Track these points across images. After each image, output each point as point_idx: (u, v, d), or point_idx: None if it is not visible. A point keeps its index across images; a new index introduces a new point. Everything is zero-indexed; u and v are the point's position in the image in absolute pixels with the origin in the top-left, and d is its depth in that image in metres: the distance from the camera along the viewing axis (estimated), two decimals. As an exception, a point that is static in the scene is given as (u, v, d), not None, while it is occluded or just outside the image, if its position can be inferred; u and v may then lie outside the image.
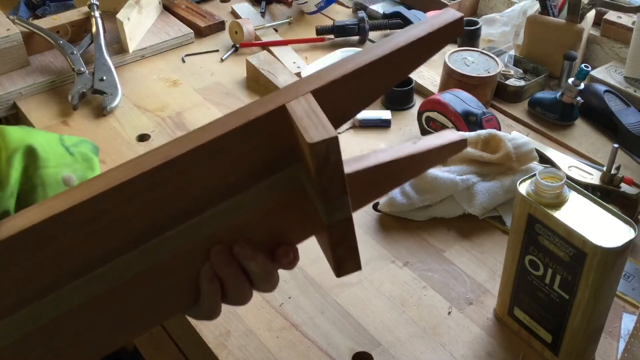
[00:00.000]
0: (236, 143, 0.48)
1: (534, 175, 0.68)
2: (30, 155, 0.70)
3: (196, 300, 0.54)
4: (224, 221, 0.51)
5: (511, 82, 1.17)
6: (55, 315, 0.48)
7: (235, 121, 0.48)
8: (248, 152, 0.49)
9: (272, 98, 0.49)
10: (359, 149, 1.06)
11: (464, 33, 0.53)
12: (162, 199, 0.48)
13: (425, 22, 0.52)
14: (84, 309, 0.49)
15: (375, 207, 0.94)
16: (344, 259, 0.51)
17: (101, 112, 1.14)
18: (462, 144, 0.55)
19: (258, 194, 0.51)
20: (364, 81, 0.51)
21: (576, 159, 0.97)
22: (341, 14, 1.46)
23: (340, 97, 0.50)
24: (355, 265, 0.52)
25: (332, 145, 0.44)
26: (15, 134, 0.70)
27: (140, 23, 1.31)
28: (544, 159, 0.97)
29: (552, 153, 0.98)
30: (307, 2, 1.40)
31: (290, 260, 0.55)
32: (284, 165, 0.51)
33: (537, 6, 1.21)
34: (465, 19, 1.27)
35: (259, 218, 0.52)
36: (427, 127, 1.05)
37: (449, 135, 0.55)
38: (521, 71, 1.19)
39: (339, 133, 1.10)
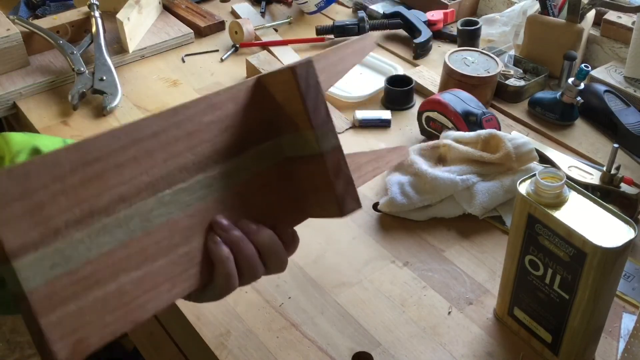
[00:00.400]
0: (221, 105, 0.53)
1: (534, 175, 0.68)
2: (36, 155, 0.70)
3: (210, 277, 0.53)
4: (215, 189, 0.53)
5: (511, 82, 1.17)
6: (83, 260, 0.47)
7: (210, 92, 0.54)
8: (231, 117, 0.53)
9: (245, 80, 0.56)
10: (359, 149, 1.06)
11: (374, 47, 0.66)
12: (156, 153, 0.50)
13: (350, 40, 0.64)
14: (111, 255, 0.48)
15: (375, 207, 0.94)
16: (345, 193, 0.54)
17: (101, 112, 1.14)
18: (402, 150, 0.70)
19: (243, 163, 0.54)
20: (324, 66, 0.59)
21: (576, 159, 0.97)
22: (341, 14, 1.46)
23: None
24: (356, 202, 0.55)
25: (311, 67, 0.51)
26: (19, 138, 0.70)
27: (140, 23, 1.31)
28: (544, 159, 0.97)
29: (552, 153, 0.98)
30: (307, 2, 1.40)
31: (290, 239, 0.56)
32: (263, 139, 0.55)
33: (537, 6, 1.21)
34: (465, 19, 1.27)
35: (251, 189, 0.55)
36: (427, 127, 1.05)
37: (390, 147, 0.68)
38: (521, 71, 1.19)
39: (339, 133, 1.10)
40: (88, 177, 0.46)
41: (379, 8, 1.42)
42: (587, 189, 0.85)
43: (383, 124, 1.11)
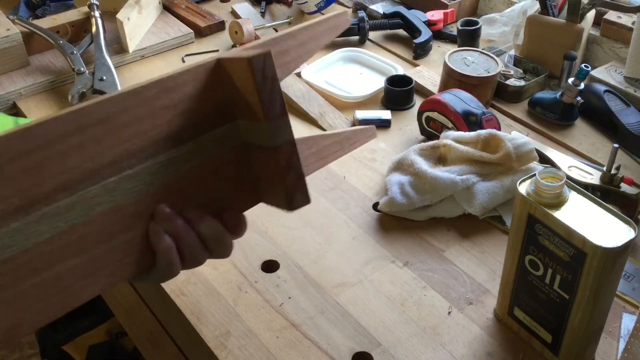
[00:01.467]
0: (177, 88, 0.50)
1: (534, 175, 0.68)
2: None
3: (152, 262, 0.53)
4: (163, 175, 0.51)
5: (511, 82, 1.17)
6: (20, 249, 0.46)
7: (175, 70, 0.51)
8: (186, 101, 0.51)
9: (203, 60, 0.53)
10: (359, 149, 1.06)
11: (347, 24, 0.64)
12: (103, 140, 0.48)
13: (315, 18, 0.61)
14: (49, 243, 0.47)
15: (375, 207, 0.94)
16: (294, 188, 0.53)
17: (101, 112, 1.14)
18: (370, 131, 0.66)
19: (197, 149, 0.53)
20: (277, 51, 0.56)
21: (576, 159, 0.97)
22: (341, 14, 1.46)
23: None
24: (305, 197, 0.54)
25: (268, 59, 0.49)
26: None
27: (140, 23, 1.31)
28: (544, 159, 0.97)
29: (552, 153, 0.98)
30: (307, 2, 1.40)
31: (234, 225, 0.55)
32: (220, 123, 0.54)
33: (537, 6, 1.21)
34: (465, 19, 1.27)
35: (201, 175, 0.53)
36: (427, 127, 1.05)
37: (361, 127, 0.65)
38: (521, 71, 1.19)
39: (339, 133, 1.10)
40: (29, 166, 0.45)
41: (379, 8, 1.42)
42: (587, 189, 0.85)
43: (383, 124, 1.11)
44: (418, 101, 1.16)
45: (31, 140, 0.45)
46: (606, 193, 0.89)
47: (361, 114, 1.11)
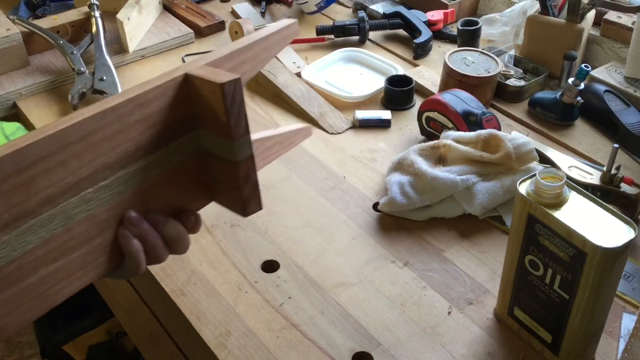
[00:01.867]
0: (148, 104, 0.54)
1: (534, 175, 0.68)
2: None
3: (120, 262, 0.57)
4: (132, 183, 0.55)
5: (511, 82, 1.17)
6: (9, 259, 0.49)
7: (146, 86, 0.54)
8: (156, 115, 0.54)
9: (172, 71, 0.56)
10: (358, 149, 1.06)
11: (296, 34, 0.67)
12: (83, 155, 0.51)
13: (268, 27, 0.64)
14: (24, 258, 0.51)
15: (375, 207, 0.94)
16: (250, 197, 0.59)
17: (101, 112, 1.14)
18: (306, 131, 0.71)
19: (163, 157, 0.56)
20: (238, 62, 0.60)
21: (576, 159, 0.97)
22: (341, 14, 1.46)
23: None
24: (258, 205, 0.60)
25: (238, 85, 0.53)
26: None
27: (140, 23, 1.31)
28: (544, 159, 0.97)
29: (552, 153, 0.98)
30: (307, 2, 1.40)
31: (193, 224, 0.60)
32: (184, 132, 0.57)
33: (537, 6, 1.21)
34: (465, 19, 1.27)
35: (165, 181, 0.57)
36: (427, 127, 1.05)
37: (296, 125, 0.70)
38: (521, 71, 1.19)
39: (339, 133, 1.10)
40: (19, 184, 0.48)
41: (379, 8, 1.42)
42: (587, 189, 0.85)
43: (383, 124, 1.11)
44: (418, 101, 1.16)
45: (22, 160, 0.48)
46: (606, 193, 0.89)
47: (361, 114, 1.11)
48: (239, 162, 0.56)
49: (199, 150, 0.59)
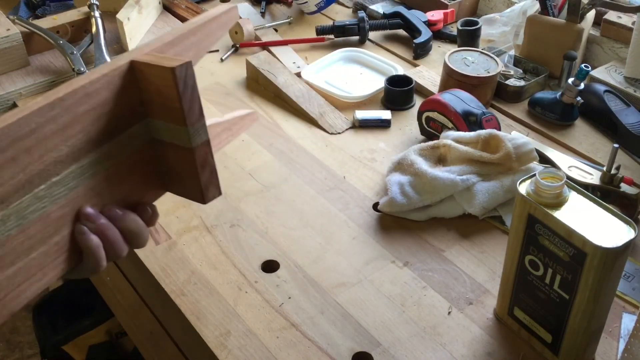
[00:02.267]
0: (96, 93, 0.52)
1: (534, 175, 0.68)
2: None
3: (79, 259, 0.56)
4: (85, 177, 0.54)
5: (511, 82, 1.17)
6: None
7: (91, 75, 0.52)
8: (104, 105, 0.53)
9: (117, 60, 0.54)
10: (358, 149, 1.06)
11: (235, 19, 0.67)
12: (33, 150, 0.49)
13: (205, 14, 0.63)
14: None
15: (375, 207, 0.94)
16: (208, 183, 0.58)
17: (101, 112, 1.14)
18: (253, 116, 0.70)
19: (114, 148, 0.55)
20: (181, 48, 0.59)
21: (576, 159, 0.97)
22: (341, 14, 1.46)
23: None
24: (217, 190, 0.59)
25: (189, 68, 0.52)
26: None
27: (140, 23, 1.31)
28: (544, 159, 0.97)
29: (552, 153, 0.98)
30: (307, 2, 1.40)
31: (150, 216, 0.59)
32: (134, 121, 0.56)
33: (537, 6, 1.21)
34: (465, 19, 1.27)
35: (118, 173, 0.56)
36: (427, 127, 1.05)
37: (241, 111, 0.69)
38: (521, 71, 1.19)
39: (339, 133, 1.10)
40: None
41: (379, 8, 1.42)
42: (587, 189, 0.85)
43: (383, 124, 1.11)
44: (418, 101, 1.16)
45: None
46: (606, 193, 0.89)
47: (361, 114, 1.11)
48: (195, 148, 0.55)
49: (150, 139, 0.57)
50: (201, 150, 0.56)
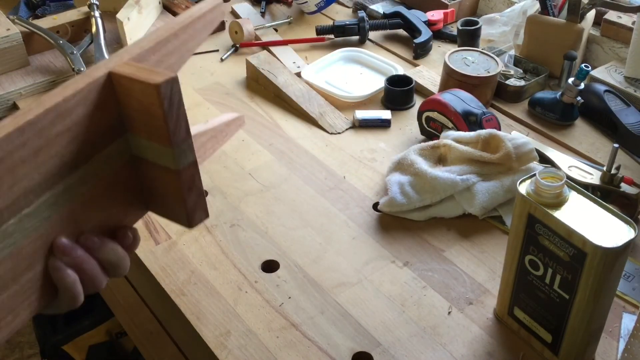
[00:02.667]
0: (71, 111, 0.47)
1: (534, 175, 0.68)
2: None
3: (54, 295, 0.51)
4: (59, 206, 0.48)
5: (511, 82, 1.17)
6: None
7: (57, 95, 0.46)
8: (80, 124, 0.48)
9: (94, 69, 0.49)
10: (359, 149, 1.06)
11: (222, 16, 0.61)
12: (1, 182, 0.44)
13: (190, 10, 0.57)
14: None
15: (375, 207, 0.94)
16: (195, 206, 0.53)
17: (101, 112, 1.14)
18: (239, 121, 0.64)
19: (90, 170, 0.50)
20: (165, 52, 0.54)
21: (576, 159, 0.97)
22: (341, 14, 1.46)
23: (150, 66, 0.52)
24: (204, 213, 0.54)
25: (175, 84, 0.46)
26: None
27: (140, 23, 1.31)
28: (544, 159, 0.97)
29: (552, 153, 0.98)
30: (307, 2, 1.40)
31: (131, 242, 0.54)
32: (112, 139, 0.50)
33: (537, 6, 1.21)
34: (465, 19, 1.27)
35: (96, 197, 0.51)
36: (427, 127, 1.05)
37: (227, 116, 0.63)
38: (521, 71, 1.19)
39: (339, 133, 1.10)
40: None
41: (379, 8, 1.42)
42: (587, 189, 0.85)
43: (383, 124, 1.11)
44: (418, 101, 1.16)
45: None
46: (606, 193, 0.89)
47: (361, 114, 1.11)
48: (181, 170, 0.50)
49: (130, 156, 0.52)
50: (187, 172, 0.50)
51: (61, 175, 0.47)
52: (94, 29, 1.25)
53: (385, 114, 1.12)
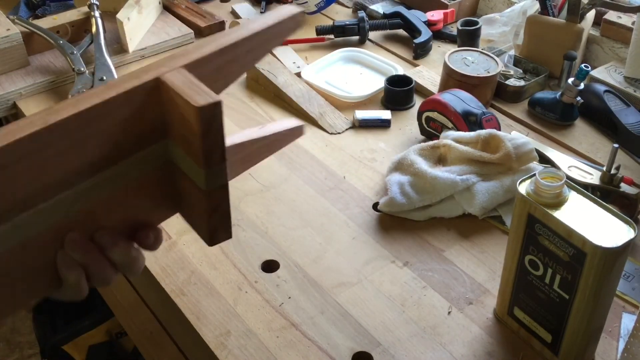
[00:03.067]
0: (108, 114, 0.46)
1: (534, 175, 0.68)
2: None
3: (60, 285, 0.51)
4: (80, 203, 0.48)
5: (511, 82, 1.17)
6: None
7: (108, 92, 0.45)
8: (117, 126, 0.47)
9: (143, 71, 0.48)
10: (359, 149, 1.06)
11: (300, 26, 0.56)
12: (20, 177, 0.43)
13: (266, 17, 0.54)
14: None
15: (375, 207, 0.94)
16: (218, 227, 0.52)
17: (101, 112, 1.14)
18: (299, 131, 0.59)
19: (123, 170, 0.49)
20: (226, 60, 0.52)
21: (576, 159, 0.97)
22: (341, 14, 1.46)
23: (206, 74, 0.50)
24: (227, 234, 0.52)
25: (217, 109, 0.45)
26: None
27: (140, 23, 1.31)
28: (544, 159, 0.97)
29: (552, 153, 0.98)
30: (307, 2, 1.40)
31: (151, 243, 0.53)
32: (150, 142, 0.49)
33: (537, 6, 1.21)
34: (465, 19, 1.27)
35: (120, 197, 0.50)
36: (427, 127, 1.05)
37: (290, 122, 0.58)
38: (521, 71, 1.19)
39: (339, 133, 1.10)
40: None
41: (379, 8, 1.42)
42: (587, 189, 0.85)
43: (383, 124, 1.11)
44: (418, 101, 1.16)
45: None
46: (606, 193, 0.89)
47: (361, 114, 1.11)
48: (210, 191, 0.49)
49: (165, 162, 0.51)
50: (215, 194, 0.49)
51: (87, 175, 0.46)
52: (94, 29, 1.25)
53: (385, 114, 1.12)
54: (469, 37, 1.24)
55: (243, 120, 1.14)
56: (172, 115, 0.47)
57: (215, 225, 0.51)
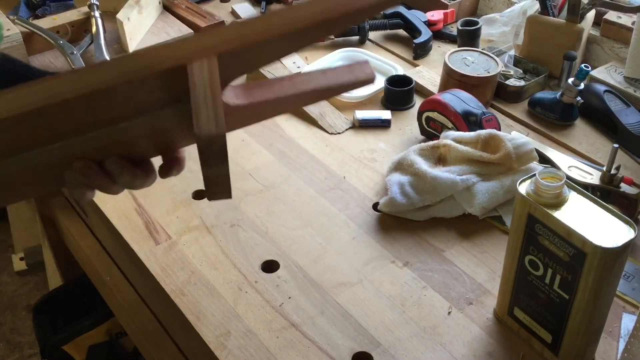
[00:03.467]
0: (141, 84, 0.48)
1: (534, 175, 0.68)
2: None
3: (63, 184, 0.56)
4: (100, 141, 0.52)
5: (511, 82, 1.17)
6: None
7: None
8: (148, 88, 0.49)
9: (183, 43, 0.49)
10: (359, 149, 1.06)
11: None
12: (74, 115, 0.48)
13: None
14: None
15: (375, 207, 0.94)
16: (216, 194, 0.55)
17: (101, 112, 1.14)
18: (370, 79, 0.55)
19: (153, 118, 0.51)
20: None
21: (576, 159, 0.97)
22: (341, 14, 1.46)
23: (243, 60, 0.53)
24: (227, 194, 0.55)
25: (218, 141, 0.47)
26: None
27: (140, 23, 1.31)
28: (544, 159, 0.97)
29: (552, 153, 0.98)
30: (307, 2, 1.40)
31: (179, 160, 0.58)
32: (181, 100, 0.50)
33: (537, 6, 1.21)
34: (465, 19, 1.27)
35: (138, 140, 0.53)
36: (427, 127, 1.05)
37: (361, 72, 0.55)
38: (521, 71, 1.19)
39: (339, 133, 1.10)
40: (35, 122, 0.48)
41: (379, 8, 1.42)
42: (587, 189, 0.85)
43: (383, 124, 1.11)
44: (418, 101, 1.16)
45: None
46: (606, 193, 0.89)
47: (361, 114, 1.11)
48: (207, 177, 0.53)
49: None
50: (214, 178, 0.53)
51: (113, 122, 0.50)
52: (94, 29, 1.25)
53: (385, 114, 1.12)
54: (469, 37, 1.24)
55: (243, 120, 1.14)
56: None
57: (212, 194, 0.55)
